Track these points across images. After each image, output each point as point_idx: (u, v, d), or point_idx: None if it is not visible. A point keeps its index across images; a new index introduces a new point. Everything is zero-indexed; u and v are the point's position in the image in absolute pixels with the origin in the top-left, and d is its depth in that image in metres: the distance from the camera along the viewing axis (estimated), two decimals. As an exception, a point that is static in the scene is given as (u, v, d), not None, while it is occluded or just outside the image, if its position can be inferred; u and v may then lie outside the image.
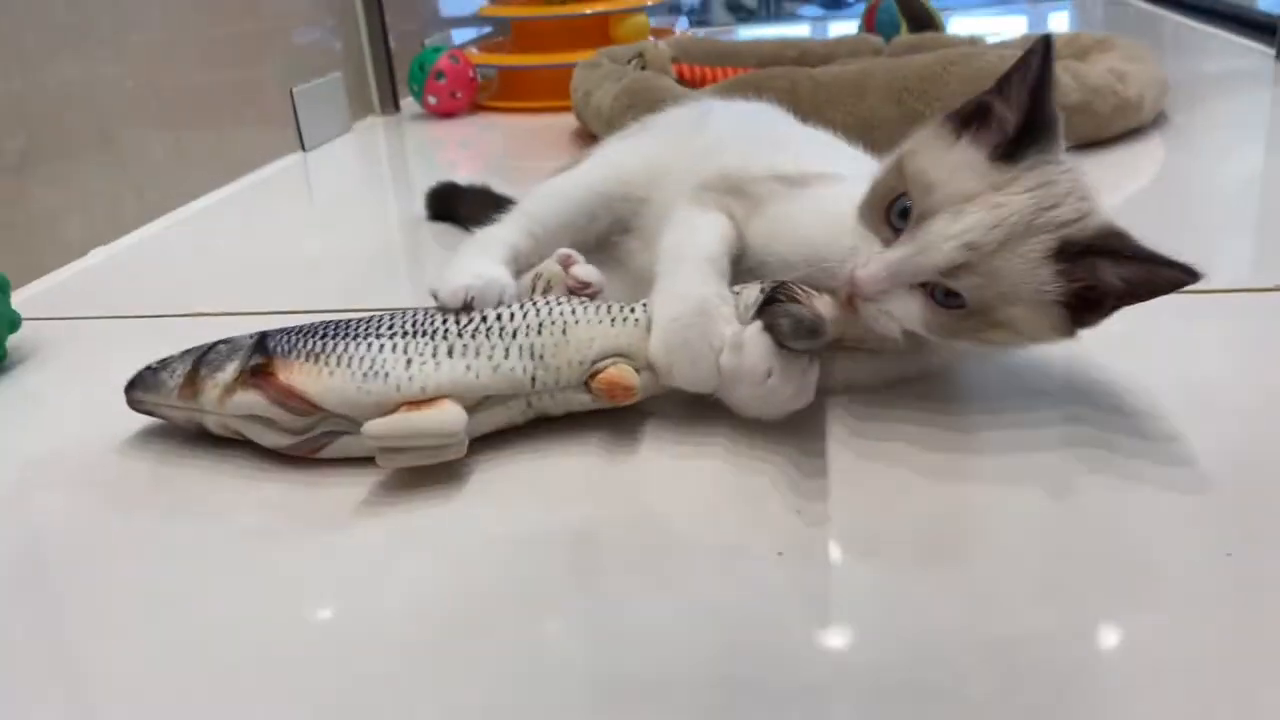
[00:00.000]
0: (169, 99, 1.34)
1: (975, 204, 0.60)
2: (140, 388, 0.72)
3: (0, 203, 1.07)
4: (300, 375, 0.66)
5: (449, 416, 0.63)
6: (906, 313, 0.62)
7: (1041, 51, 0.60)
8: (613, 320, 0.68)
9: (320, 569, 0.59)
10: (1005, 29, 2.34)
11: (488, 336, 0.67)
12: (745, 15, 3.37)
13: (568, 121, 1.72)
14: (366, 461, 0.66)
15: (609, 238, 0.87)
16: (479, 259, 0.77)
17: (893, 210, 0.63)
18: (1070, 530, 0.57)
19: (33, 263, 1.11)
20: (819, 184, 0.74)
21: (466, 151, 1.71)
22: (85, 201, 1.19)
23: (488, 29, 2.48)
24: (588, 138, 1.58)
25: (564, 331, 0.67)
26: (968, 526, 0.58)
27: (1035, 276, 0.59)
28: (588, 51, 1.67)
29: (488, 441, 0.69)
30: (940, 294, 0.61)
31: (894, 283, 0.62)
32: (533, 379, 0.67)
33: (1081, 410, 0.69)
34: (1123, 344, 0.70)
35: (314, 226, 1.34)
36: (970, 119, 0.63)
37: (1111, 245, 0.59)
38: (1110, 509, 0.59)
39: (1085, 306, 0.60)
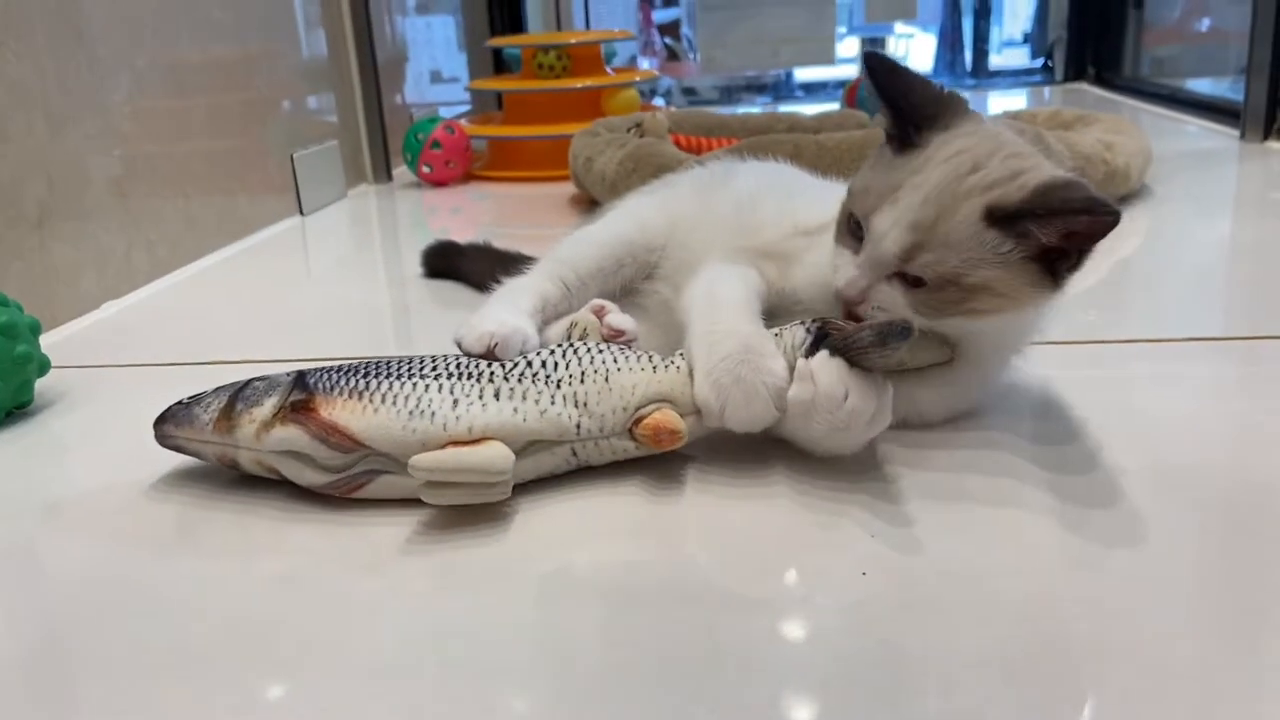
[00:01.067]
0: (179, 162, 1.36)
1: (901, 190, 0.66)
2: (171, 422, 0.70)
3: (21, 253, 1.07)
4: (343, 412, 0.65)
5: (497, 455, 0.63)
6: (893, 302, 0.67)
7: (866, 59, 0.70)
8: (654, 367, 0.68)
9: (356, 614, 0.57)
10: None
11: (533, 382, 0.67)
12: (700, 101, 3.46)
13: (560, 190, 1.75)
14: (400, 504, 0.65)
15: (634, 284, 0.89)
16: (505, 307, 0.78)
17: (851, 225, 0.69)
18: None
19: (49, 313, 1.10)
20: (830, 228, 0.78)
21: (459, 218, 1.74)
22: (99, 257, 1.19)
23: (456, 101, 2.53)
24: (585, 203, 1.62)
25: (606, 379, 0.67)
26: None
27: (982, 240, 0.63)
28: (580, 123, 1.71)
29: (531, 485, 0.68)
30: (911, 277, 0.66)
31: (869, 280, 0.67)
32: (578, 425, 0.66)
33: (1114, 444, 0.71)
34: (1108, 384, 0.74)
35: (312, 284, 1.36)
36: (889, 137, 0.70)
37: (1034, 206, 0.62)
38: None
39: (1055, 258, 0.64)
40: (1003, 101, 2.90)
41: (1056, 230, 0.62)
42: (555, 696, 0.49)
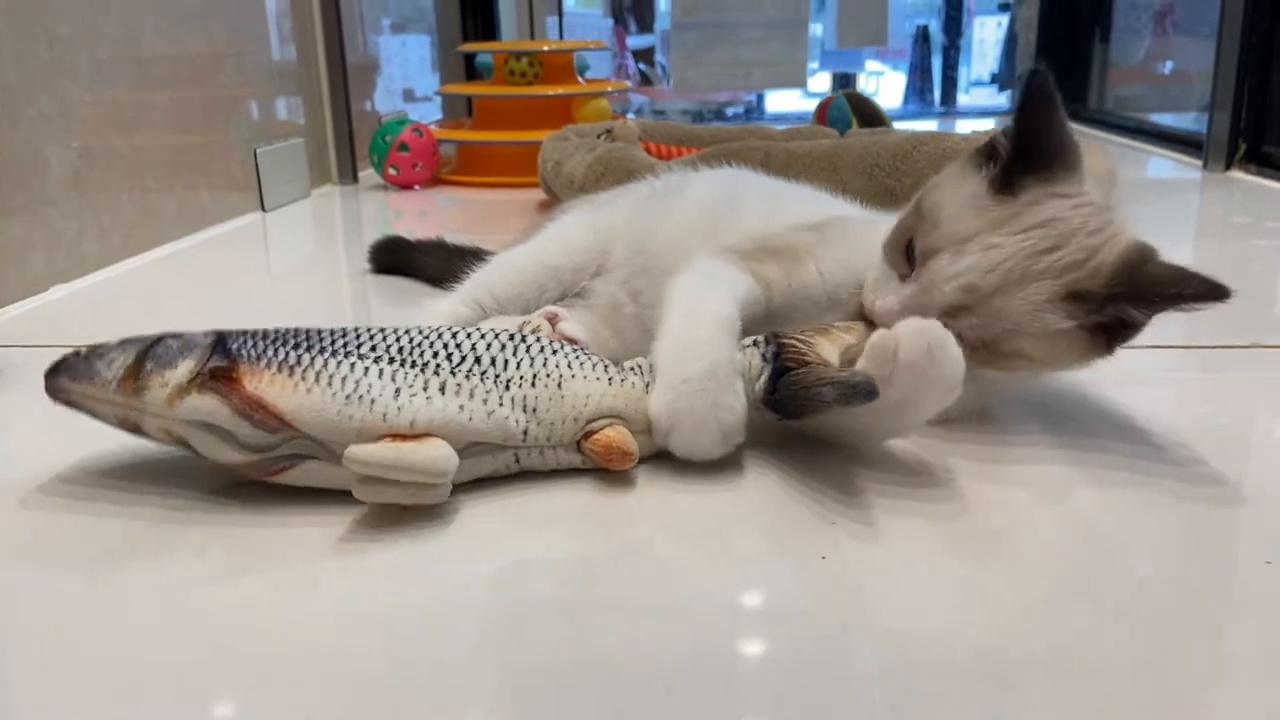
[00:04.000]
0: (139, 151, 1.33)
1: (973, 244, 0.61)
2: (67, 374, 0.62)
3: (-35, 229, 1.03)
4: (271, 387, 0.59)
5: (441, 455, 0.58)
6: None
7: (1033, 80, 0.61)
8: (609, 379, 0.64)
9: (268, 618, 0.51)
10: None
11: (482, 380, 0.62)
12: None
13: (528, 196, 1.74)
14: (322, 498, 0.61)
15: (577, 288, 0.87)
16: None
17: (905, 246, 0.65)
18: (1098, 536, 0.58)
19: (-6, 293, 1.07)
20: (837, 225, 0.76)
21: (424, 221, 1.71)
22: (50, 239, 1.16)
23: (427, 107, 2.52)
24: (553, 207, 1.59)
25: (560, 385, 0.63)
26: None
27: (1040, 317, 0.60)
28: (550, 131, 1.69)
29: (472, 483, 0.63)
30: (948, 323, 0.60)
31: (909, 316, 0.61)
32: (525, 432, 0.62)
33: (1071, 424, 0.70)
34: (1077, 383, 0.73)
35: (269, 279, 1.33)
36: (991, 153, 0.65)
37: (1131, 290, 0.59)
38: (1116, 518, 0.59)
39: (1116, 327, 0.61)
40: (971, 126, 2.93)
41: (1152, 311, 0.60)
42: (497, 706, 0.46)
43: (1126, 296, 0.60)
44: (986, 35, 3.90)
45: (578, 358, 0.65)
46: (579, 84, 2.02)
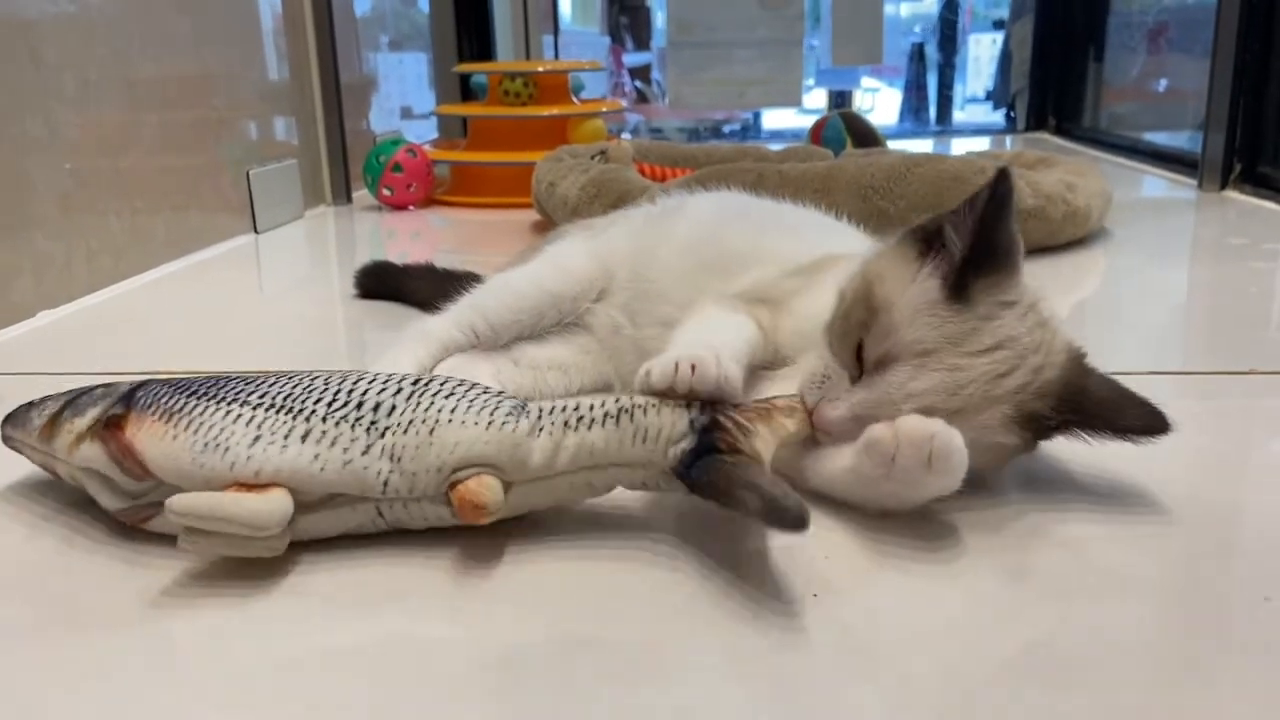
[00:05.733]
0: (128, 173, 1.32)
1: (933, 362, 0.58)
2: (10, 423, 0.66)
3: (-49, 254, 1.02)
4: (145, 435, 0.58)
5: (265, 508, 0.54)
6: None
7: (999, 181, 0.58)
8: (490, 423, 0.58)
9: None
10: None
11: (353, 427, 0.57)
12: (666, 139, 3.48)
13: (522, 217, 1.73)
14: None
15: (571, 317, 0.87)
16: (401, 360, 0.79)
17: (861, 346, 0.61)
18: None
19: (-22, 319, 1.06)
20: (829, 268, 0.73)
21: (418, 242, 1.71)
22: (37, 264, 1.15)
23: (422, 127, 2.51)
24: (547, 229, 1.59)
25: (431, 431, 0.57)
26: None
27: (992, 434, 0.58)
28: (544, 151, 1.69)
29: (331, 540, 0.59)
30: None
31: (860, 426, 0.58)
32: (385, 483, 0.57)
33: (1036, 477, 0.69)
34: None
35: (261, 302, 1.33)
36: (932, 238, 0.61)
37: (1080, 418, 0.60)
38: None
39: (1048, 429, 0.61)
40: (966, 144, 2.93)
41: (1095, 436, 0.60)
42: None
43: (1075, 422, 0.60)
44: (982, 52, 3.90)
45: (473, 401, 0.59)
46: (574, 104, 2.02)
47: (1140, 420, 0.60)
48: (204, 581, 0.57)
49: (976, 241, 0.58)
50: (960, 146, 2.82)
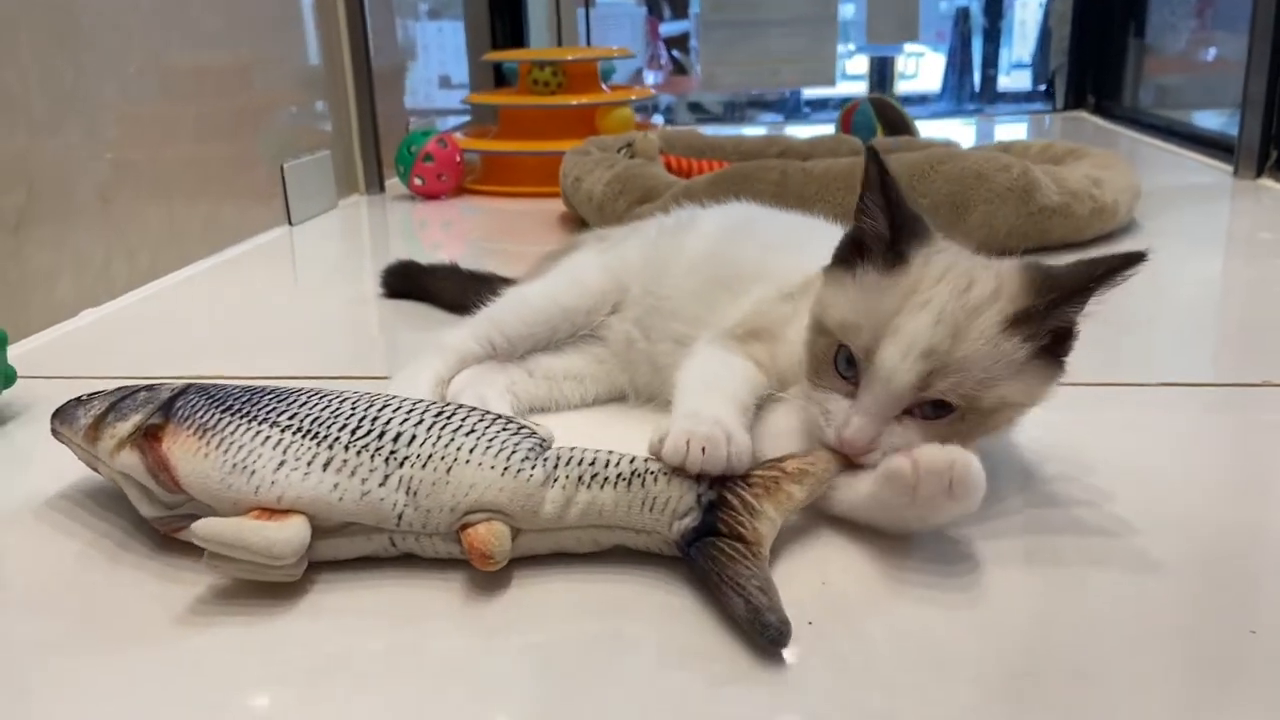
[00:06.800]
0: (165, 169, 1.35)
1: (903, 315, 0.60)
2: (59, 418, 0.69)
3: (-5, 260, 1.06)
4: (180, 449, 0.61)
5: (282, 537, 0.57)
6: (908, 444, 0.60)
7: (872, 157, 0.63)
8: (505, 469, 0.59)
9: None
10: (966, 138, 2.40)
11: (372, 456, 0.60)
12: (706, 117, 3.46)
13: (551, 206, 1.75)
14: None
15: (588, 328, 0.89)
16: (421, 375, 0.82)
17: (839, 362, 0.63)
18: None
19: (24, 321, 1.10)
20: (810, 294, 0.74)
21: (449, 232, 1.73)
22: (78, 264, 1.19)
23: (458, 117, 2.53)
24: (573, 222, 1.61)
25: (449, 470, 0.59)
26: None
27: (1001, 350, 0.60)
28: (573, 140, 1.70)
29: (349, 560, 0.62)
30: (928, 409, 0.61)
31: (880, 424, 0.61)
32: (399, 516, 0.59)
33: (1046, 496, 0.70)
34: (1080, 435, 0.74)
35: (297, 297, 1.35)
36: (850, 254, 0.65)
37: (1062, 294, 0.60)
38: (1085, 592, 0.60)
39: (1058, 340, 0.62)
40: (1006, 130, 2.91)
41: (1087, 299, 0.60)
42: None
43: (1062, 299, 0.60)
44: (1028, 16, 3.83)
45: (491, 441, 0.61)
46: (603, 92, 2.03)
47: (1114, 262, 0.60)
48: (228, 598, 0.60)
49: (894, 212, 0.63)
50: (999, 133, 2.79)
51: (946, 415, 0.61)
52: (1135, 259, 0.60)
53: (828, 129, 2.13)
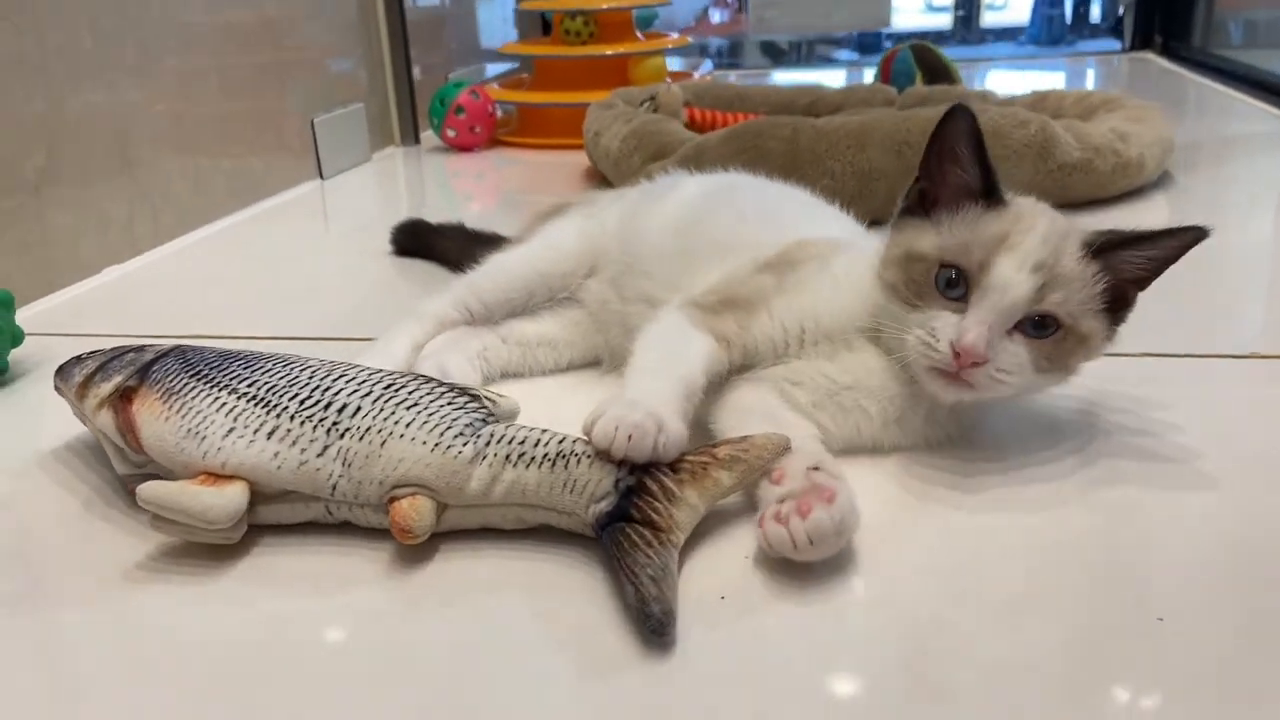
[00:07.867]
0: (191, 125, 1.39)
1: (1014, 236, 0.65)
2: (60, 375, 0.72)
3: (17, 219, 1.11)
4: (145, 412, 0.64)
5: (218, 503, 0.59)
6: (1017, 361, 0.65)
7: (966, 116, 0.67)
8: (435, 445, 0.61)
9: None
10: (1041, 84, 2.27)
11: (314, 427, 0.62)
12: (778, 57, 3.39)
13: (582, 159, 1.75)
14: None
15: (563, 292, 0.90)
16: (396, 341, 0.85)
17: (939, 283, 0.66)
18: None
19: (46, 279, 1.14)
20: (798, 267, 0.75)
21: (481, 184, 1.75)
22: (101, 221, 1.23)
23: (507, 66, 2.53)
24: (597, 176, 1.61)
25: (383, 443, 0.61)
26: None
27: (1087, 276, 0.65)
28: (606, 91, 1.70)
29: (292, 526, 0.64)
30: (1031, 327, 0.65)
31: (995, 333, 0.64)
32: (334, 486, 0.61)
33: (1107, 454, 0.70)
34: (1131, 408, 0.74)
35: (325, 254, 1.37)
36: (917, 206, 0.70)
37: (1121, 238, 0.67)
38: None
39: (1116, 306, 0.68)
40: (1063, 77, 2.81)
41: (1149, 253, 0.66)
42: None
43: (1121, 244, 0.66)
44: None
45: (430, 415, 0.62)
46: (637, 41, 2.01)
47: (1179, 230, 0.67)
48: (175, 557, 0.63)
49: (983, 166, 0.68)
50: (1063, 79, 2.69)
51: (1050, 335, 0.65)
52: (1200, 235, 0.66)
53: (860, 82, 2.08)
